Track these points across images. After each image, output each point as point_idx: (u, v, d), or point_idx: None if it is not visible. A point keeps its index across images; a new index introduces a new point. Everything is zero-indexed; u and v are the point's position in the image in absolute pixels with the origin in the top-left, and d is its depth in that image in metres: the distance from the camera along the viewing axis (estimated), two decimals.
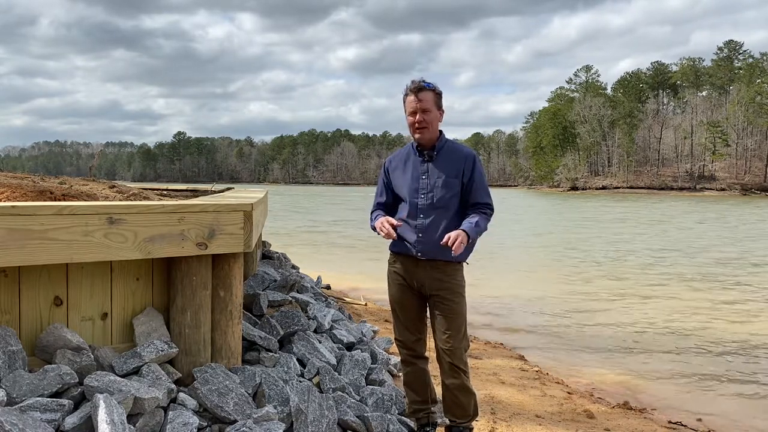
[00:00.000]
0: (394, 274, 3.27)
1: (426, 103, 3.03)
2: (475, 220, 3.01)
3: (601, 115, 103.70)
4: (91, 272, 2.79)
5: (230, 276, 3.07)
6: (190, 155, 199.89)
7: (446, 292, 3.08)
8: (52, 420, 2.27)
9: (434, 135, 3.11)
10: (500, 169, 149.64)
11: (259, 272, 4.54)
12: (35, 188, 3.56)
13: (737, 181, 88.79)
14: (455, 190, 3.06)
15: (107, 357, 2.73)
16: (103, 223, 2.62)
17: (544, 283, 11.30)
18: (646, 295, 10.07)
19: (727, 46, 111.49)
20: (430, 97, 3.04)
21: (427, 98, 3.03)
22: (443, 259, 3.07)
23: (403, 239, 3.16)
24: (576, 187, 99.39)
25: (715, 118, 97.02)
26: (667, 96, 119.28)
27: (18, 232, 2.42)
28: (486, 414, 3.99)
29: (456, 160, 3.09)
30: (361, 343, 4.53)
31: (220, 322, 3.05)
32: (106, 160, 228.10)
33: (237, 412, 2.71)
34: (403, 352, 3.31)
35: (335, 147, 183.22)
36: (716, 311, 8.90)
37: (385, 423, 3.20)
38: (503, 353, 6.21)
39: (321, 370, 3.48)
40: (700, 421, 4.65)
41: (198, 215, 2.89)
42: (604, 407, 4.59)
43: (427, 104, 3.03)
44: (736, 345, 6.99)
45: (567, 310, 8.81)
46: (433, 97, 3.05)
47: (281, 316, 3.90)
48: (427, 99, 3.03)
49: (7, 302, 2.60)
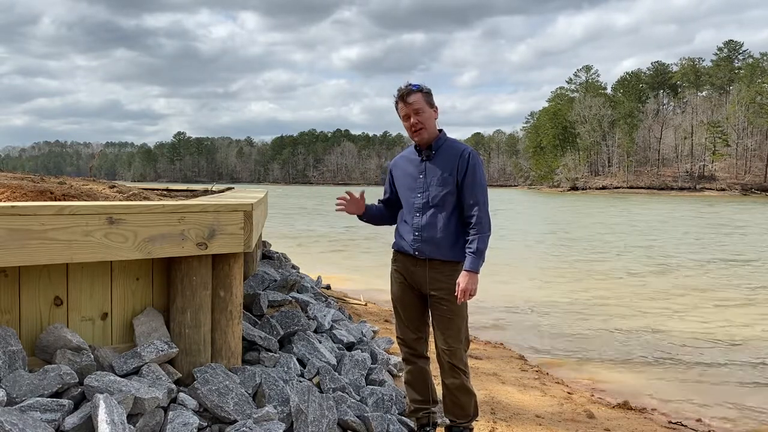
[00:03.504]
0: (395, 272, 3.27)
1: (416, 104, 3.05)
2: (474, 248, 3.01)
3: (601, 115, 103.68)
4: (91, 272, 2.79)
5: (230, 276, 3.07)
6: (190, 155, 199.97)
7: (444, 292, 3.07)
8: (52, 420, 2.27)
9: (433, 134, 3.11)
10: (500, 169, 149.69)
11: (259, 272, 4.54)
12: (35, 188, 3.56)
13: (737, 181, 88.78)
14: (450, 187, 3.06)
15: (107, 357, 2.73)
16: (103, 223, 2.62)
17: (544, 283, 11.30)
18: (647, 296, 10.07)
19: (727, 46, 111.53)
20: (419, 98, 3.05)
21: (417, 99, 3.05)
22: (441, 259, 3.08)
23: (403, 238, 3.18)
24: (576, 187, 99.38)
25: (715, 118, 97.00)
26: (667, 96, 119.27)
27: (18, 232, 2.42)
28: (486, 414, 3.99)
29: (452, 157, 3.09)
30: (361, 343, 4.52)
31: (220, 322, 3.05)
32: (106, 160, 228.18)
33: (237, 412, 2.71)
34: (404, 351, 3.32)
35: (335, 147, 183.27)
36: (717, 311, 8.89)
37: (385, 423, 3.20)
38: (503, 353, 6.21)
39: (321, 370, 3.48)
40: (700, 421, 4.65)
41: (198, 215, 2.89)
42: (604, 407, 4.59)
43: (418, 105, 3.05)
44: (737, 345, 6.98)
45: (567, 310, 8.81)
46: (422, 97, 3.06)
47: (281, 316, 3.90)
48: (417, 100, 3.05)
49: (7, 302, 2.60)
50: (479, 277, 3.01)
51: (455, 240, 3.08)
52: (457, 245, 3.08)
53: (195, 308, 2.94)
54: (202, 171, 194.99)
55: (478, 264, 3.01)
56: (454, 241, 3.08)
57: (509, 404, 4.33)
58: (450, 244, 3.08)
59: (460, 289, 2.97)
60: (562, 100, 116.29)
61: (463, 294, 2.97)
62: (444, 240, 3.07)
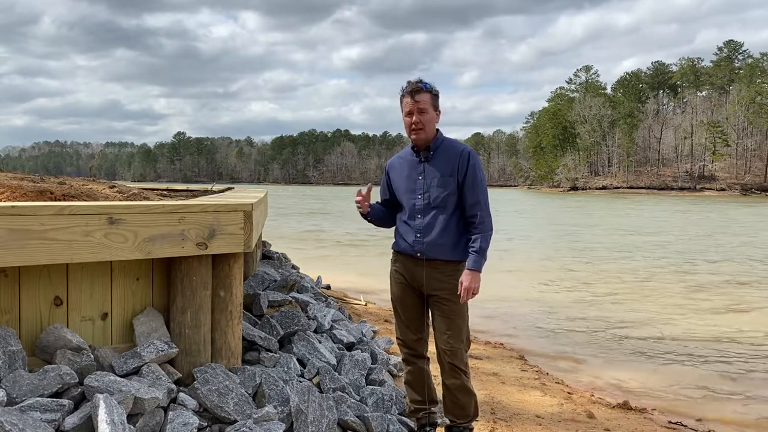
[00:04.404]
0: (395, 273, 3.27)
1: (423, 104, 3.02)
2: (477, 247, 3.01)
3: (601, 115, 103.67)
4: (91, 272, 2.79)
5: (230, 276, 3.07)
6: (190, 155, 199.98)
7: (445, 293, 3.07)
8: (52, 420, 2.27)
9: (430, 135, 3.10)
10: (500, 169, 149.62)
11: (259, 272, 4.54)
12: (35, 188, 3.56)
13: (737, 181, 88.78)
14: (451, 188, 3.05)
15: (107, 357, 2.73)
16: (103, 223, 2.62)
17: (544, 283, 11.30)
18: (647, 296, 10.07)
19: (726, 46, 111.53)
20: (427, 99, 3.03)
21: (424, 99, 3.02)
22: (442, 259, 3.08)
23: (403, 239, 3.18)
24: (576, 187, 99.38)
25: (715, 118, 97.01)
26: (667, 96, 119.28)
27: (18, 232, 2.42)
28: (486, 414, 3.99)
29: (451, 157, 3.08)
30: (361, 343, 4.52)
31: (220, 322, 3.05)
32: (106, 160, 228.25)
33: (237, 412, 2.71)
34: (404, 351, 3.32)
35: (335, 147, 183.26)
36: (717, 312, 8.89)
37: (385, 423, 3.20)
38: (503, 353, 6.21)
39: (321, 370, 3.48)
40: (700, 421, 4.65)
41: (198, 215, 2.89)
42: (604, 407, 4.59)
43: (424, 105, 3.02)
44: (737, 345, 6.98)
45: (567, 310, 8.81)
46: (430, 98, 3.04)
47: (281, 316, 3.90)
48: (424, 100, 3.02)
49: (7, 302, 2.60)
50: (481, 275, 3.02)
51: (457, 240, 3.08)
52: (458, 245, 3.08)
53: (195, 308, 2.94)
54: (202, 171, 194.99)
55: (481, 263, 3.01)
56: (455, 242, 3.08)
57: (509, 404, 4.33)
58: (452, 244, 3.08)
59: (463, 287, 2.97)
60: (562, 100, 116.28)
61: (467, 292, 2.97)
62: (446, 241, 3.07)
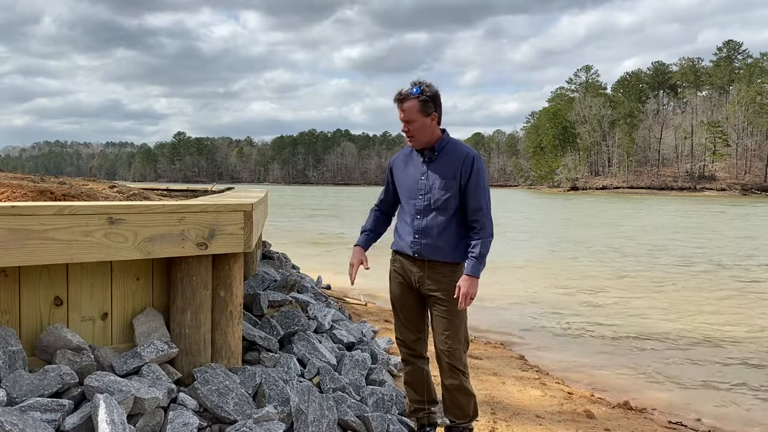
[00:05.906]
0: (394, 272, 3.27)
1: (409, 114, 2.98)
2: (477, 252, 3.00)
3: (601, 115, 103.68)
4: (91, 272, 2.79)
5: (230, 276, 3.07)
6: (191, 155, 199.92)
7: (444, 293, 3.07)
8: (52, 420, 2.27)
9: (427, 140, 3.06)
10: (500, 169, 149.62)
11: (259, 272, 4.54)
12: (35, 188, 3.56)
13: (737, 181, 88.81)
14: (453, 191, 3.03)
15: (107, 357, 2.73)
16: (104, 223, 2.62)
17: (544, 283, 11.29)
18: (646, 296, 10.07)
19: (726, 46, 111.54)
20: (414, 106, 2.97)
21: (410, 107, 2.97)
22: (441, 260, 3.08)
23: (402, 239, 3.18)
24: (576, 187, 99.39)
25: (715, 118, 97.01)
26: (667, 96, 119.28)
27: (18, 232, 2.42)
28: (486, 414, 3.99)
29: (455, 160, 3.05)
30: (361, 343, 4.52)
31: (220, 322, 3.05)
32: (107, 160, 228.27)
33: (237, 412, 2.72)
34: (403, 351, 3.32)
35: (335, 147, 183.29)
36: (717, 311, 8.89)
37: (385, 423, 3.20)
38: (503, 353, 6.21)
39: (321, 370, 3.48)
40: (700, 421, 4.65)
41: (198, 215, 2.89)
42: (604, 407, 4.59)
43: (410, 114, 2.98)
44: (737, 345, 6.98)
45: (567, 310, 8.81)
46: (416, 105, 2.96)
47: (281, 316, 3.90)
48: (410, 108, 2.97)
49: (7, 302, 2.59)
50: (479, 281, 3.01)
51: (456, 242, 3.07)
52: (458, 247, 3.07)
53: (195, 308, 2.94)
54: (203, 171, 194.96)
55: (480, 269, 3.00)
56: (455, 244, 3.07)
57: (509, 404, 4.33)
58: (451, 246, 3.07)
59: (460, 293, 2.96)
60: (562, 100, 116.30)
61: (464, 298, 2.96)
62: (444, 243, 3.06)
